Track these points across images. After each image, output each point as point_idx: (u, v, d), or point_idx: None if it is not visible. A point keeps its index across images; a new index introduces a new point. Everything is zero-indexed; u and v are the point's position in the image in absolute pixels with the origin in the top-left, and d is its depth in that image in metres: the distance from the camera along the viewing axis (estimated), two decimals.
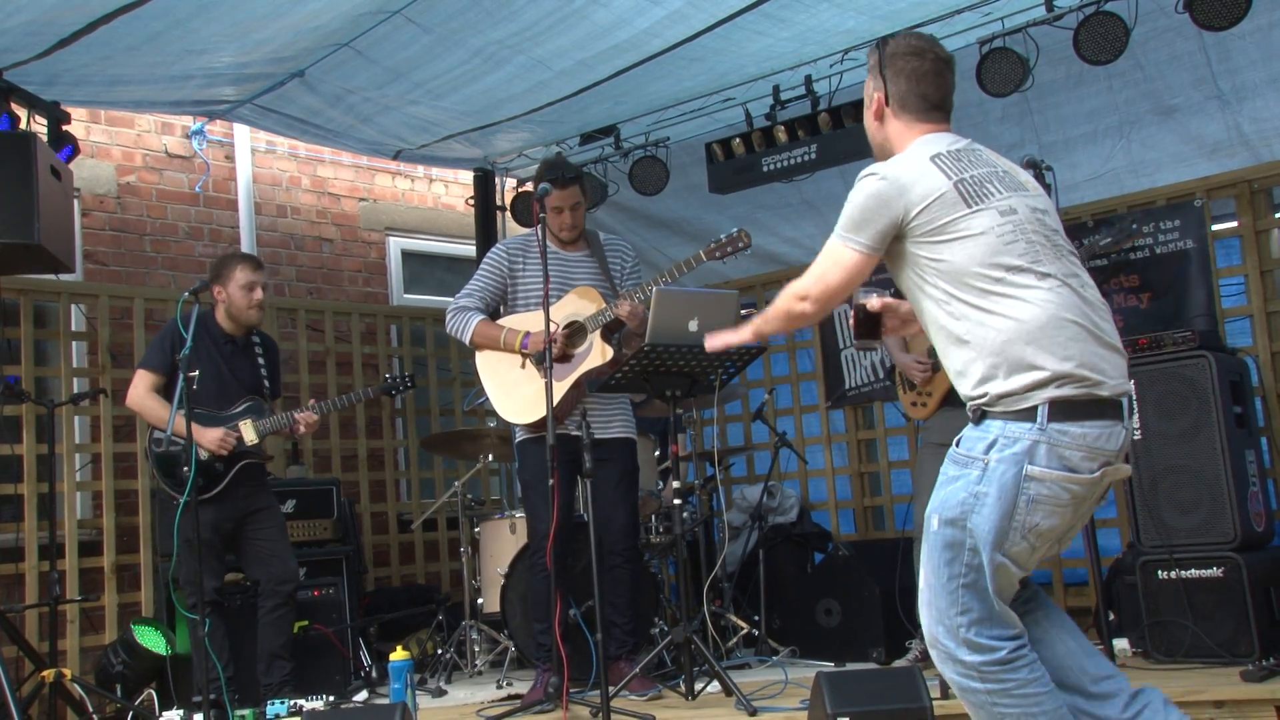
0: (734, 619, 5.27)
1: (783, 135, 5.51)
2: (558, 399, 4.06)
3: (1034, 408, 2.39)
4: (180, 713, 4.54)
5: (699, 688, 4.19)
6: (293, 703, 4.50)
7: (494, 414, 5.21)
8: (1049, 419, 2.38)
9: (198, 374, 4.48)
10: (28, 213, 4.31)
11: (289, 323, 6.70)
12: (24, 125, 4.66)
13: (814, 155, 5.43)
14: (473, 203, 7.05)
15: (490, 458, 5.71)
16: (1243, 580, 4.15)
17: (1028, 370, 2.40)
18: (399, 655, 4.28)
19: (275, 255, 7.08)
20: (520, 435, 4.54)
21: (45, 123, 4.80)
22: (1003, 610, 2.46)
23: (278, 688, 4.57)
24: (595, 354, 4.37)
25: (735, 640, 5.18)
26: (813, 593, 5.15)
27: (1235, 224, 5.40)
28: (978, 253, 2.46)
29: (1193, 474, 4.36)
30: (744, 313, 3.73)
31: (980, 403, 2.47)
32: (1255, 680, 3.69)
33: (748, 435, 6.95)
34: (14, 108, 4.63)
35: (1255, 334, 5.28)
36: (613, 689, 3.95)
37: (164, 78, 5.19)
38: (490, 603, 5.34)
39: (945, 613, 2.46)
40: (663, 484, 5.51)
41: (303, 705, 4.54)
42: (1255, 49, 4.96)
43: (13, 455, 5.33)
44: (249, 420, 4.64)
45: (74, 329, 5.89)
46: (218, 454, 4.54)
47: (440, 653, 5.39)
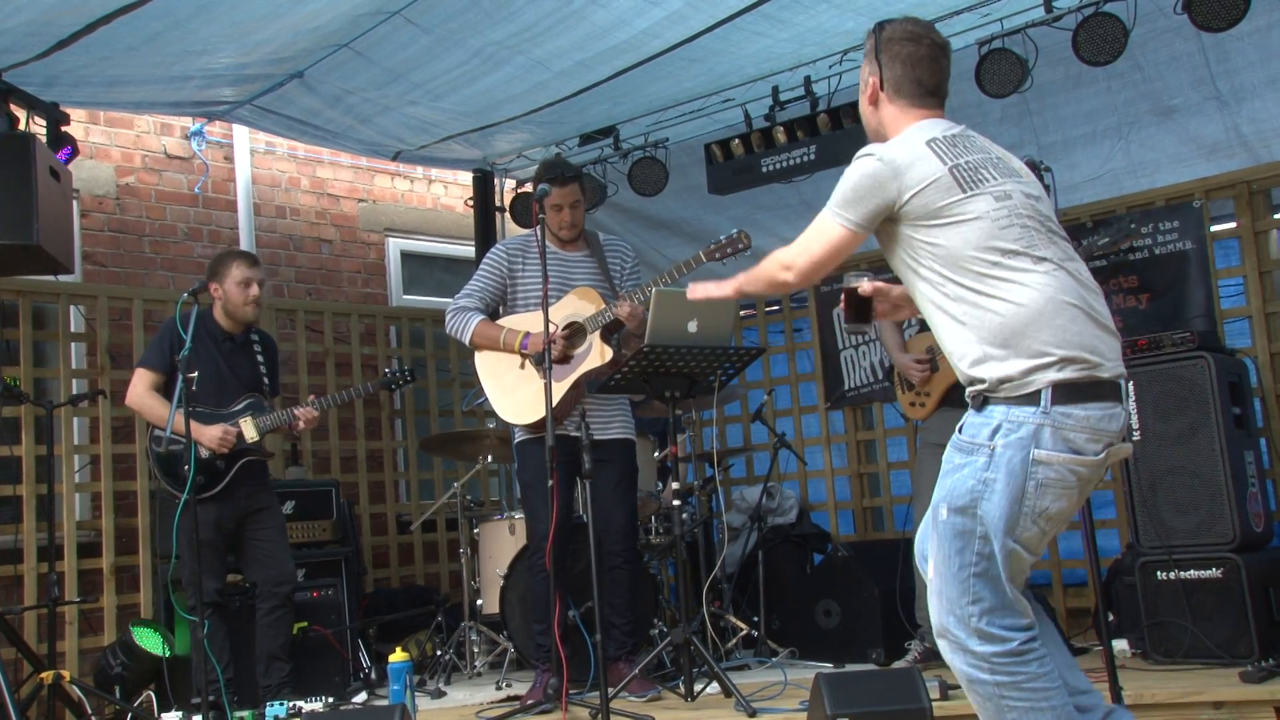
0: (733, 620, 5.27)
1: (782, 136, 5.51)
2: (557, 400, 4.05)
3: (1037, 392, 2.39)
4: (179, 714, 4.54)
5: (698, 689, 4.18)
6: (292, 704, 4.48)
7: (493, 415, 5.22)
8: (1053, 402, 2.38)
9: (196, 374, 4.47)
10: (27, 214, 4.30)
11: (288, 324, 6.69)
12: (23, 126, 4.65)
13: (813, 156, 5.43)
14: (472, 204, 7.05)
15: (489, 459, 5.71)
16: (1242, 581, 4.16)
17: (1029, 354, 2.41)
18: (398, 656, 4.28)
19: (274, 256, 7.07)
20: (519, 436, 4.54)
21: (44, 124, 4.80)
22: (1015, 597, 2.45)
23: (276, 689, 4.56)
24: (594, 355, 4.37)
25: (734, 641, 5.18)
26: (812, 594, 5.15)
27: (1234, 225, 5.41)
28: (973, 237, 2.46)
29: (1192, 475, 4.36)
30: (744, 315, 3.73)
31: (982, 389, 2.47)
32: (1254, 681, 3.69)
33: (747, 436, 6.95)
34: (13, 109, 4.63)
35: (1254, 335, 5.29)
36: (612, 690, 3.95)
37: (163, 78, 5.19)
38: (489, 604, 5.34)
39: (956, 602, 2.45)
40: (662, 485, 5.51)
41: (302, 707, 4.53)
42: (1254, 50, 4.96)
43: (11, 456, 5.33)
44: (249, 417, 4.64)
45: (73, 330, 5.88)
46: (219, 452, 4.54)
47: (439, 654, 5.39)
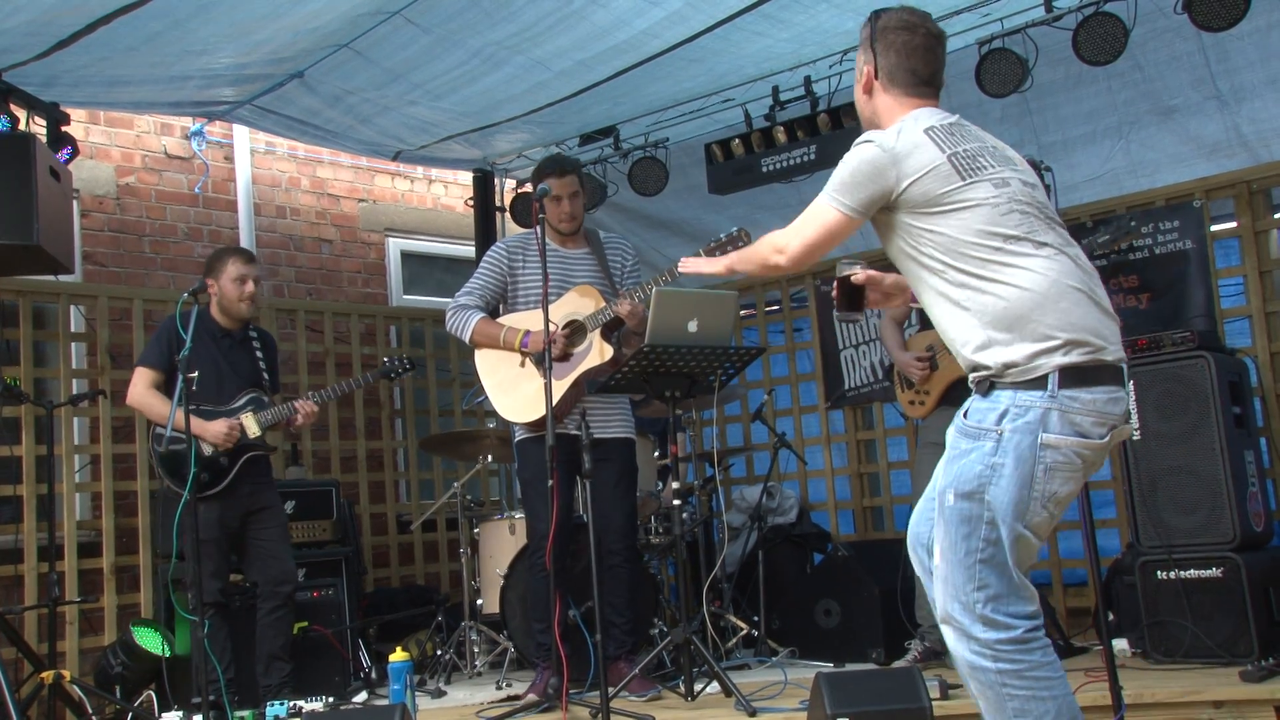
0: (733, 619, 5.27)
1: (782, 136, 5.51)
2: (557, 398, 4.05)
3: (1044, 376, 2.40)
4: (180, 714, 4.53)
5: (698, 688, 4.18)
6: (292, 704, 4.48)
7: (493, 414, 5.22)
8: (1060, 386, 2.39)
9: (196, 373, 4.47)
10: (27, 214, 4.30)
11: (288, 323, 6.70)
12: (23, 126, 4.66)
13: (813, 156, 5.43)
14: (472, 203, 7.05)
15: (489, 458, 5.70)
16: (1242, 580, 4.16)
17: (1034, 337, 2.41)
18: (398, 656, 4.29)
19: (274, 256, 7.08)
20: (519, 435, 4.54)
21: (44, 124, 4.81)
22: (1021, 583, 2.45)
23: (277, 689, 4.56)
24: (595, 353, 4.37)
25: (734, 641, 5.18)
26: (812, 593, 5.15)
27: (1234, 224, 5.40)
28: (974, 223, 2.47)
29: (1192, 474, 4.36)
30: (744, 315, 3.73)
31: (988, 374, 2.47)
32: (1254, 680, 3.69)
33: (747, 436, 6.95)
34: (13, 109, 4.63)
35: (1254, 334, 5.28)
36: (612, 689, 3.95)
37: (163, 78, 5.19)
38: (489, 603, 5.34)
39: (962, 588, 2.45)
40: (662, 484, 5.51)
41: (302, 706, 4.53)
42: (1254, 50, 4.97)
43: (12, 456, 5.33)
44: (250, 412, 4.64)
45: (73, 330, 5.88)
46: (224, 446, 4.54)
47: (440, 654, 5.39)
